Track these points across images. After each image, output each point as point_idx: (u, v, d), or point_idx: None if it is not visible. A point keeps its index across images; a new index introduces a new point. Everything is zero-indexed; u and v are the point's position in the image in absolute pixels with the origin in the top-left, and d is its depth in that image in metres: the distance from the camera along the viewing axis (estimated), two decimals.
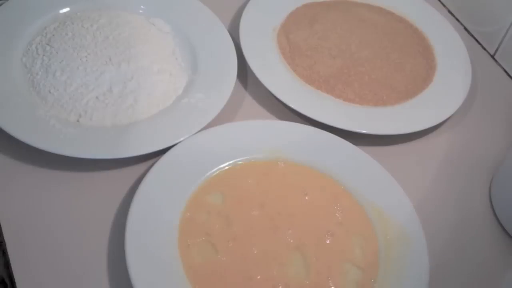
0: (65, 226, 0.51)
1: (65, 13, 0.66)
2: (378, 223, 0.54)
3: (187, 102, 0.60)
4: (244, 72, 0.67)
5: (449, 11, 0.82)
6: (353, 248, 0.52)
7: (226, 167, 0.56)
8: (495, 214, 0.59)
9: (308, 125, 0.61)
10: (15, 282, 0.47)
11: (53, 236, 0.50)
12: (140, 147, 0.55)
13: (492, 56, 0.77)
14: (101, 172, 0.55)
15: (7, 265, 0.48)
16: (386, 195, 0.56)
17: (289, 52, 0.68)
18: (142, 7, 0.69)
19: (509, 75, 0.75)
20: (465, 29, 0.80)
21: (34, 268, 0.48)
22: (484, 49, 0.78)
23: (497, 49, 0.76)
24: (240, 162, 0.56)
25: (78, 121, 0.56)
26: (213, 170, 0.55)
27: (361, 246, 0.52)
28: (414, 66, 0.70)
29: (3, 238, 0.49)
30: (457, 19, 0.81)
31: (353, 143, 0.59)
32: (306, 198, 0.55)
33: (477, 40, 0.79)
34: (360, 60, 0.69)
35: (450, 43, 0.74)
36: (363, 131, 0.61)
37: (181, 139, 0.56)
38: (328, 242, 0.52)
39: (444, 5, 0.83)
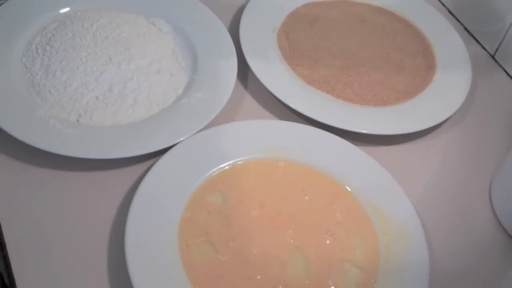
0: (65, 226, 0.51)
1: (65, 13, 0.66)
2: (378, 223, 0.54)
3: (187, 102, 0.60)
4: (244, 72, 0.67)
5: (449, 11, 0.82)
6: (353, 248, 0.52)
7: (226, 167, 0.56)
8: (495, 214, 0.59)
9: (308, 125, 0.61)
10: (15, 282, 0.47)
11: (53, 236, 0.50)
12: (140, 147, 0.55)
13: (492, 56, 0.77)
14: (101, 172, 0.55)
15: (7, 265, 0.48)
16: (386, 195, 0.56)
17: (289, 52, 0.68)
18: (142, 7, 0.69)
19: (509, 75, 0.75)
20: (465, 29, 0.80)
21: (34, 268, 0.48)
22: (484, 49, 0.78)
23: (497, 49, 0.76)
24: (240, 162, 0.56)
25: (78, 121, 0.56)
26: (213, 170, 0.55)
27: (361, 246, 0.52)
28: (414, 66, 0.70)
29: (3, 238, 0.49)
30: (457, 19, 0.81)
31: (353, 143, 0.59)
32: (306, 198, 0.55)
33: (477, 40, 0.79)
34: (360, 60, 0.69)
35: (450, 43, 0.74)
36: (363, 131, 0.61)
37: (181, 139, 0.56)
38: (328, 242, 0.52)
39: (444, 5, 0.83)
